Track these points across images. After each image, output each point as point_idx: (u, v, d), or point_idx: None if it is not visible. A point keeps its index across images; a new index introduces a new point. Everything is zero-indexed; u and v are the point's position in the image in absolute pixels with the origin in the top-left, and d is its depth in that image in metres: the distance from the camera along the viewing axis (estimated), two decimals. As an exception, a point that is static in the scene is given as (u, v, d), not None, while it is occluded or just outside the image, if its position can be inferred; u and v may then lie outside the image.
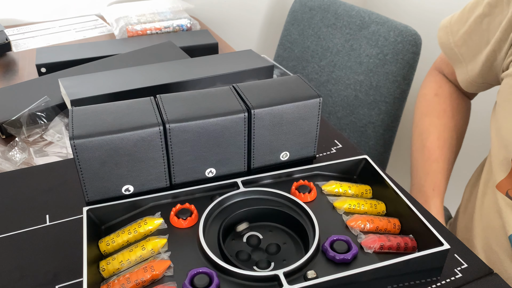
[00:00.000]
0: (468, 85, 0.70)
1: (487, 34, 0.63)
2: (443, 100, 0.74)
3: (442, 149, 0.71)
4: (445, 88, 0.75)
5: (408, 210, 0.40)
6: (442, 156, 0.70)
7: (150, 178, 0.42)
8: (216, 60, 0.73)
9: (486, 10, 0.62)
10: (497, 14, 0.61)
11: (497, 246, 0.58)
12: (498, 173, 0.57)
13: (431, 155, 0.71)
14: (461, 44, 0.67)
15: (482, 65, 0.64)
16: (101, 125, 0.39)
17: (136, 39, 0.92)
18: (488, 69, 0.64)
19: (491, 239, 0.59)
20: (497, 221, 0.58)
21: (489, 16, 0.62)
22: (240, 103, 0.44)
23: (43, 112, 0.63)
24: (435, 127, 0.72)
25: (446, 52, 0.71)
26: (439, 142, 0.71)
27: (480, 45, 0.64)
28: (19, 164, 0.57)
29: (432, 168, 0.70)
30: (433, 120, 0.73)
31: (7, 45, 0.88)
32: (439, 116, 0.73)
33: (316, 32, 1.11)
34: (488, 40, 0.62)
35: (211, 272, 0.34)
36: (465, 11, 0.67)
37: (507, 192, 0.56)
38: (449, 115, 0.73)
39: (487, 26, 0.62)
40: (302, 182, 0.44)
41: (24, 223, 0.43)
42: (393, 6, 1.33)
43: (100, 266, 0.36)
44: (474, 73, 0.67)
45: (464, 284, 0.38)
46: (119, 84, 0.64)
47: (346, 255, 0.36)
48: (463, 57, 0.68)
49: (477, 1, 0.65)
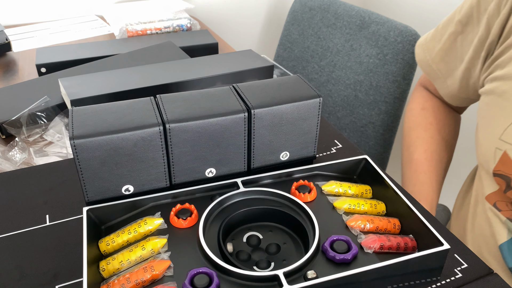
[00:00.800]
0: (451, 99, 0.70)
1: (461, 51, 0.63)
2: (430, 114, 0.74)
3: (430, 161, 0.70)
4: (432, 102, 0.75)
5: (408, 210, 0.40)
6: (430, 168, 0.70)
7: (150, 178, 0.42)
8: (216, 60, 0.73)
9: (458, 28, 0.63)
10: (468, 32, 0.61)
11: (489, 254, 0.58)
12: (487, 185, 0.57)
13: (418, 167, 0.70)
14: (438, 61, 0.68)
15: (460, 82, 0.65)
16: (101, 125, 0.39)
17: (136, 39, 0.92)
18: (466, 86, 0.65)
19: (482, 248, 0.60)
20: (488, 230, 0.58)
21: (461, 34, 0.63)
22: (240, 103, 0.44)
23: (43, 112, 0.63)
24: (422, 140, 0.72)
25: (424, 69, 0.71)
26: (426, 154, 0.71)
27: (455, 62, 0.65)
28: (19, 164, 0.57)
29: (419, 180, 0.70)
30: (420, 133, 0.73)
31: (7, 45, 0.88)
32: (425, 129, 0.73)
33: (316, 32, 1.11)
34: (462, 57, 0.63)
35: (211, 272, 0.34)
36: (438, 29, 0.68)
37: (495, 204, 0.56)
38: (436, 127, 0.73)
39: (461, 43, 0.63)
40: (302, 182, 0.44)
41: (24, 223, 0.43)
42: (393, 6, 1.33)
43: (100, 266, 0.36)
44: (454, 88, 0.67)
45: (464, 284, 0.38)
46: (119, 84, 0.64)
47: (346, 255, 0.36)
48: (441, 73, 0.68)
49: (449, 18, 0.65)
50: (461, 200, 0.72)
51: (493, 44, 0.56)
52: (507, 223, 0.54)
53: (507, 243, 0.55)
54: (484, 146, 0.56)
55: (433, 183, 0.69)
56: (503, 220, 0.55)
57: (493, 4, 0.55)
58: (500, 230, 0.56)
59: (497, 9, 0.55)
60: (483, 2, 0.58)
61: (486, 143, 0.55)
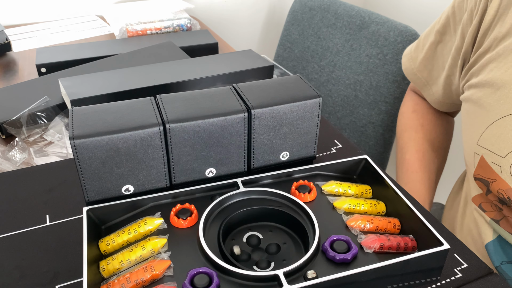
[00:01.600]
0: (439, 105, 0.72)
1: (442, 60, 0.66)
2: (421, 116, 0.76)
3: (422, 161, 0.72)
4: (422, 105, 0.77)
5: (408, 210, 0.40)
6: (421, 167, 0.71)
7: (150, 178, 0.42)
8: (216, 60, 0.73)
9: (438, 38, 0.65)
10: (447, 41, 0.64)
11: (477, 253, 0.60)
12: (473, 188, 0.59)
13: (410, 167, 0.72)
14: (422, 69, 0.70)
15: (443, 89, 0.67)
16: (101, 125, 0.39)
17: (136, 39, 0.92)
18: (450, 92, 0.67)
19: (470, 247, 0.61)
20: (475, 230, 0.60)
21: (441, 43, 0.65)
22: (240, 103, 0.44)
23: (43, 112, 0.63)
24: (413, 141, 0.74)
25: (410, 78, 0.74)
26: (418, 154, 0.72)
27: (438, 70, 0.67)
28: (19, 164, 0.57)
29: (410, 178, 0.71)
30: (411, 135, 0.74)
31: (7, 45, 0.88)
32: (417, 130, 0.75)
33: (316, 32, 1.11)
34: (444, 65, 0.65)
35: (211, 272, 0.34)
36: (421, 39, 0.70)
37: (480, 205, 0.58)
38: (427, 128, 0.74)
39: (441, 52, 0.66)
40: (302, 182, 0.44)
41: (24, 223, 0.43)
42: (393, 6, 1.33)
43: (100, 266, 0.36)
44: (439, 95, 0.69)
45: (464, 284, 0.38)
46: (119, 84, 0.64)
47: (346, 255, 0.36)
48: (426, 81, 0.71)
49: (430, 29, 0.68)
50: (452, 200, 0.73)
51: (468, 52, 0.58)
52: (492, 224, 0.56)
53: (492, 243, 0.56)
54: (466, 151, 0.58)
55: (425, 181, 0.70)
56: (488, 220, 0.56)
57: (466, 14, 0.58)
58: (486, 230, 0.57)
59: (470, 19, 0.57)
60: (457, 12, 0.60)
61: (467, 148, 0.57)
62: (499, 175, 0.50)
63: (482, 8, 0.54)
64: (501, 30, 0.52)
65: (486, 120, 0.52)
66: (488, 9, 0.53)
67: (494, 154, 0.51)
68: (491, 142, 0.51)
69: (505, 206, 0.53)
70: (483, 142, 0.52)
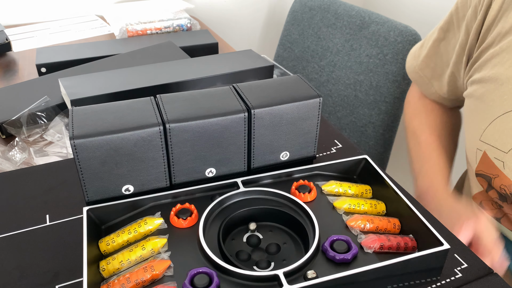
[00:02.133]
0: (442, 101, 0.72)
1: (446, 57, 0.66)
2: (429, 102, 0.75)
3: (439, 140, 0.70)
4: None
5: (408, 210, 0.40)
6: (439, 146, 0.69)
7: (150, 178, 0.42)
8: (216, 60, 0.73)
9: (441, 35, 0.66)
10: (450, 38, 0.64)
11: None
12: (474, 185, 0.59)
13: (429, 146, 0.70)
14: (424, 67, 0.71)
15: (448, 85, 0.67)
16: (101, 125, 0.39)
17: (136, 39, 0.92)
18: (455, 89, 0.67)
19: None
20: None
21: (444, 40, 0.66)
22: (240, 103, 0.44)
23: (43, 112, 0.63)
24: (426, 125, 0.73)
25: (411, 76, 0.74)
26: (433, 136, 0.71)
27: (442, 67, 0.67)
28: (19, 164, 0.57)
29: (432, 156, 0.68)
30: (423, 119, 0.73)
31: (7, 45, 0.88)
32: (427, 114, 0.74)
33: (316, 32, 1.11)
34: (448, 62, 0.65)
35: (211, 272, 0.34)
36: (426, 37, 0.71)
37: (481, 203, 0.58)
38: (438, 112, 0.74)
39: (445, 49, 0.66)
40: (302, 182, 0.44)
41: (24, 223, 0.43)
42: (393, 6, 1.33)
43: (100, 266, 0.36)
44: (443, 92, 0.69)
45: (464, 284, 0.38)
46: (119, 84, 0.64)
47: (346, 255, 0.36)
48: (427, 78, 0.71)
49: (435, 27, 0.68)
50: None
51: (472, 48, 0.58)
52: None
53: None
54: (468, 147, 0.58)
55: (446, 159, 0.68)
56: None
57: (470, 10, 0.58)
58: None
59: (474, 14, 0.57)
60: (461, 8, 0.61)
61: (469, 144, 0.57)
62: (502, 170, 0.50)
63: (487, 3, 0.54)
64: (504, 26, 0.52)
65: (489, 115, 0.52)
66: (493, 5, 0.54)
67: (497, 149, 0.51)
68: (494, 137, 0.51)
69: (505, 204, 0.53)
70: (486, 138, 0.52)
